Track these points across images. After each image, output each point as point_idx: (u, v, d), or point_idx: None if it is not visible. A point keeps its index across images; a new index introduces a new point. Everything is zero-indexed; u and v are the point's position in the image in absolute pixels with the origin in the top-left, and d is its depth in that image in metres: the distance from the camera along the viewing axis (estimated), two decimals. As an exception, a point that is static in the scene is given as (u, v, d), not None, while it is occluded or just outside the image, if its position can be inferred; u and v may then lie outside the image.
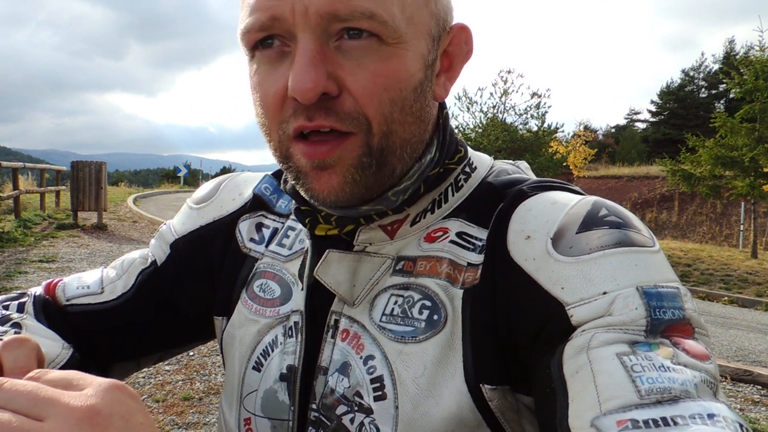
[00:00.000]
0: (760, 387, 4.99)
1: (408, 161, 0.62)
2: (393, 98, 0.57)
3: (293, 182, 0.63)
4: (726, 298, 9.83)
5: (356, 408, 0.61)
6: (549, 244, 0.56)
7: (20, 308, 0.73)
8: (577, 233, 0.56)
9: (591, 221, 0.57)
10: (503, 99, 17.01)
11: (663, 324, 0.50)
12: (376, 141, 0.58)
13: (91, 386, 0.37)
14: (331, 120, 0.56)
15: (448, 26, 0.63)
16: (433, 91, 0.62)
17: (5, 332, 0.66)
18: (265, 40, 0.57)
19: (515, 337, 0.56)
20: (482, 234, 0.63)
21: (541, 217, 0.59)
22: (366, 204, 0.62)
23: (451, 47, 0.64)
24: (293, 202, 0.69)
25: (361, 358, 0.62)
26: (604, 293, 0.51)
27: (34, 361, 0.43)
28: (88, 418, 0.34)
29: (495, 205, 0.63)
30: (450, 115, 0.70)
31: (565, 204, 0.59)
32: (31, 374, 0.38)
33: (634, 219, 0.58)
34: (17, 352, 0.42)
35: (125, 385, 0.38)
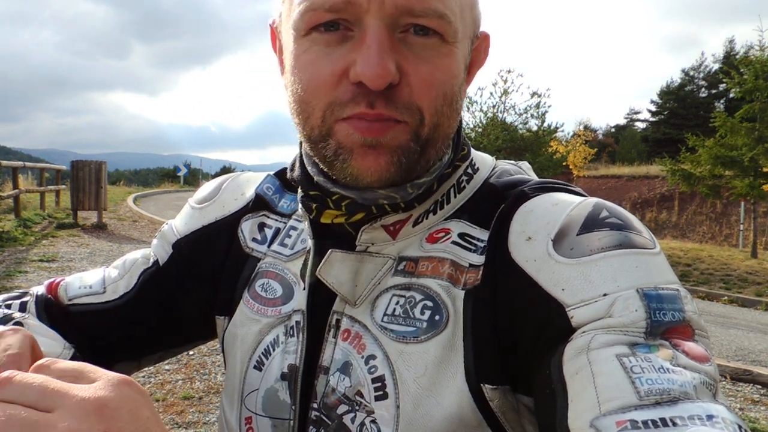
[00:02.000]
0: (759, 386, 4.99)
1: (439, 156, 0.63)
2: (446, 93, 0.59)
3: (330, 160, 0.60)
4: (726, 297, 9.84)
5: (357, 408, 0.62)
6: (550, 245, 0.57)
7: (22, 307, 0.73)
8: (578, 235, 0.56)
9: (592, 223, 0.57)
10: (503, 98, 17.00)
11: (663, 326, 0.50)
12: (425, 131, 0.59)
13: (100, 380, 0.38)
14: (391, 110, 0.57)
15: (478, 32, 0.66)
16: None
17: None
18: (329, 23, 0.57)
19: (516, 338, 0.57)
20: (484, 235, 0.63)
21: (542, 219, 0.59)
22: (385, 188, 0.62)
23: (475, 53, 0.66)
24: (298, 195, 0.69)
25: (362, 357, 0.63)
26: (605, 295, 0.52)
27: (27, 349, 0.44)
28: (96, 411, 0.35)
29: (496, 206, 0.64)
30: None
31: (566, 205, 0.60)
32: (41, 362, 0.39)
33: (634, 221, 0.58)
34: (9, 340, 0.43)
35: (133, 380, 0.39)
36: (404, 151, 0.58)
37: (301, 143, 0.68)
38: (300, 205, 0.69)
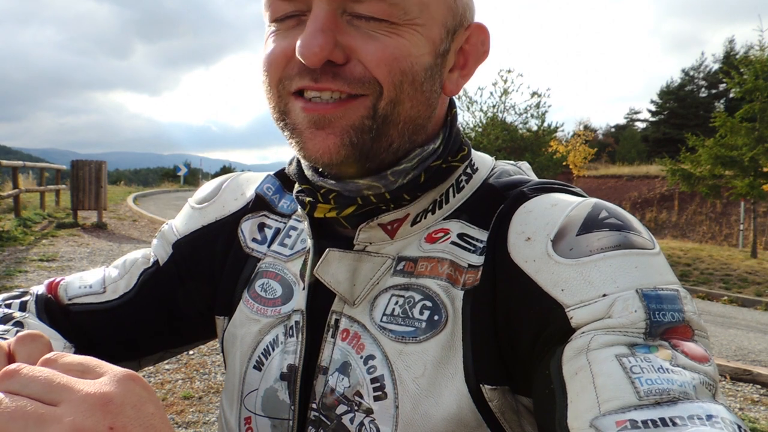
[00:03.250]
0: (759, 386, 4.99)
1: (407, 141, 0.62)
2: (404, 69, 0.58)
3: (288, 140, 0.63)
4: (725, 297, 9.83)
5: (356, 408, 0.62)
6: (549, 245, 0.57)
7: (22, 307, 0.73)
8: (577, 235, 0.56)
9: (591, 223, 0.57)
10: (503, 98, 16.98)
11: (662, 326, 0.50)
12: (383, 105, 0.59)
13: (106, 375, 0.38)
14: (338, 83, 0.57)
15: (467, 23, 0.64)
16: (442, 83, 0.64)
17: (7, 331, 0.66)
18: (288, 17, 0.60)
19: (515, 338, 0.57)
20: (483, 236, 0.63)
21: (542, 219, 0.59)
22: (363, 178, 0.62)
23: (468, 45, 0.66)
24: (294, 190, 0.70)
25: (361, 357, 0.63)
26: (604, 295, 0.52)
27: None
28: (101, 405, 0.35)
29: (496, 206, 0.64)
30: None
31: (565, 206, 0.60)
32: (48, 356, 0.40)
33: (634, 221, 0.58)
34: (30, 347, 0.42)
35: (138, 376, 0.39)
36: (356, 130, 0.59)
37: None
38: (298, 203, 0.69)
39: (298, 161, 0.70)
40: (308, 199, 0.66)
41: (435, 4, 0.60)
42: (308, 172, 0.67)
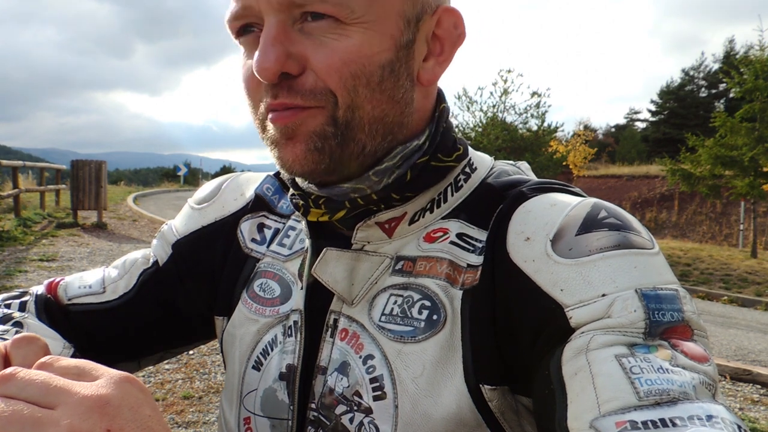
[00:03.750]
0: (759, 386, 4.99)
1: (381, 141, 0.62)
2: (355, 72, 0.58)
3: (270, 153, 0.64)
4: (725, 297, 9.83)
5: (355, 408, 0.62)
6: (548, 245, 0.57)
7: (22, 307, 0.73)
8: (576, 235, 0.56)
9: (590, 223, 0.57)
10: (503, 98, 16.98)
11: (662, 326, 0.50)
12: (341, 113, 0.59)
13: (102, 377, 0.38)
14: (293, 97, 0.58)
15: (430, 9, 0.62)
16: (413, 75, 0.62)
17: (7, 331, 0.66)
18: (246, 28, 0.61)
19: (514, 338, 0.57)
20: (482, 235, 0.63)
21: (541, 219, 0.59)
22: (346, 182, 0.62)
23: (440, 30, 0.63)
24: (289, 194, 0.70)
25: (360, 357, 0.62)
26: (603, 295, 0.52)
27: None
28: (98, 408, 0.35)
29: (495, 206, 0.64)
30: (450, 113, 0.70)
31: (564, 206, 0.59)
32: (43, 360, 0.39)
33: (633, 221, 0.58)
34: (26, 350, 0.42)
35: (135, 378, 0.39)
36: (319, 135, 0.59)
37: None
38: None
39: None
40: (301, 203, 0.66)
41: None
42: (298, 179, 0.67)
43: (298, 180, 0.67)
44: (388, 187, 0.63)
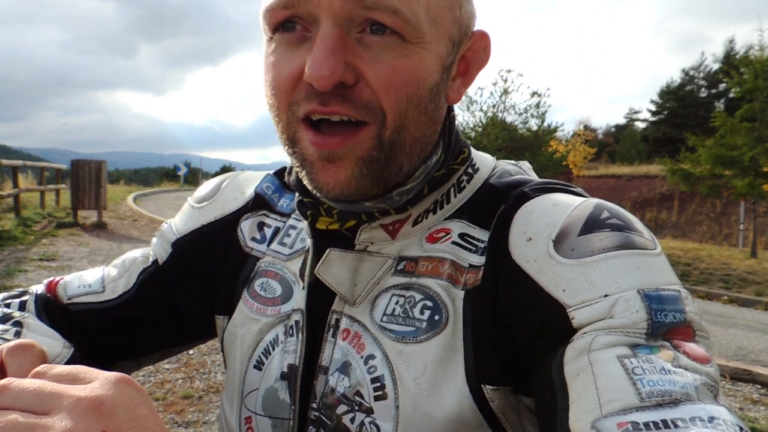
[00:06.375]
0: (759, 386, 4.99)
1: (416, 161, 0.62)
2: (410, 94, 0.57)
3: (297, 168, 0.62)
4: (725, 297, 9.83)
5: (357, 407, 0.61)
6: (551, 246, 0.56)
7: (22, 306, 0.73)
8: (578, 236, 0.56)
9: (593, 224, 0.57)
10: (503, 98, 16.97)
11: (664, 327, 0.50)
12: (388, 135, 0.58)
13: (97, 379, 0.38)
14: (347, 107, 0.56)
15: (470, 32, 0.64)
16: (447, 94, 0.63)
17: (6, 330, 0.66)
18: (287, 23, 0.57)
19: (516, 339, 0.57)
20: (484, 236, 0.63)
21: (543, 219, 0.59)
22: (370, 200, 0.62)
23: (470, 53, 0.65)
24: (296, 197, 0.69)
25: (361, 357, 0.62)
26: (606, 296, 0.52)
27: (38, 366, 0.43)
28: (93, 409, 0.35)
29: (497, 206, 0.64)
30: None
31: (566, 206, 0.59)
32: (37, 369, 0.39)
33: (635, 222, 0.58)
34: (21, 359, 0.42)
35: (131, 378, 0.39)
36: (365, 162, 0.58)
37: None
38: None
39: (297, 173, 0.69)
40: (310, 211, 0.66)
41: (442, 18, 0.59)
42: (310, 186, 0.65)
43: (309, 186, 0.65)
44: (407, 202, 0.64)
